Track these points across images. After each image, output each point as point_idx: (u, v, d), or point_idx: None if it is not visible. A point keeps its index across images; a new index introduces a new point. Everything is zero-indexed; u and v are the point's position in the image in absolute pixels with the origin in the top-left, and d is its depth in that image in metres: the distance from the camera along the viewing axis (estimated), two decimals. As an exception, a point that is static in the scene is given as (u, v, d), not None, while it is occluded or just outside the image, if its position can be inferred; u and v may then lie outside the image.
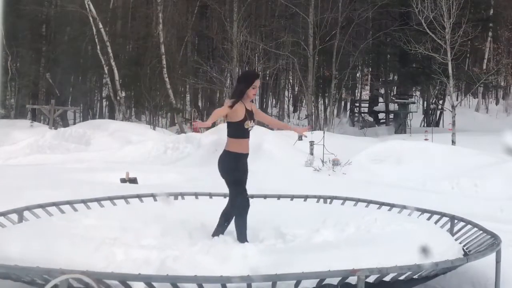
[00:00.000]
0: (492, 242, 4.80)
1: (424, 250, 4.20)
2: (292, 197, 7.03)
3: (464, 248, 5.22)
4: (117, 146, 18.23)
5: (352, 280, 3.79)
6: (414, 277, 4.17)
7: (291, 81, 41.35)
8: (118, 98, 27.75)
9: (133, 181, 11.00)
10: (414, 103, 34.32)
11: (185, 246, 4.75)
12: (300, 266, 3.81)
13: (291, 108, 41.57)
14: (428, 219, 6.01)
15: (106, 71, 27.23)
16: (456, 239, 5.42)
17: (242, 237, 5.07)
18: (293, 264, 3.93)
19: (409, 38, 20.97)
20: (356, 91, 39.33)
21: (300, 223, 5.46)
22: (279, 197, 7.02)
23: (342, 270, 3.79)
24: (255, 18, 33.43)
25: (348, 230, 5.20)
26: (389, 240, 4.71)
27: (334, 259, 4.10)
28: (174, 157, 16.83)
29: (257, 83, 5.25)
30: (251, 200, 5.33)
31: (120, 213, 5.72)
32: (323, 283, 3.81)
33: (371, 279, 3.84)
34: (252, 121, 5.24)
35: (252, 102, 5.49)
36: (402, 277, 4.06)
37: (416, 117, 32.16)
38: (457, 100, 27.30)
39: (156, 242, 4.84)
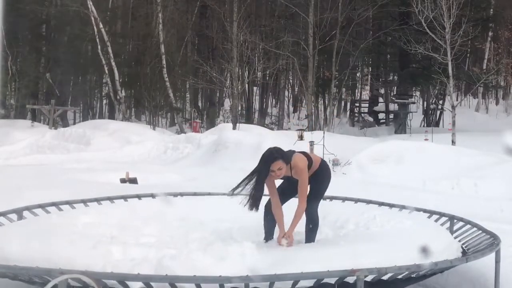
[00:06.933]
0: (492, 242, 4.79)
1: (423, 249, 4.20)
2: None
3: (464, 247, 5.22)
4: (117, 146, 18.25)
5: (350, 279, 3.79)
6: (412, 275, 4.17)
7: (291, 81, 41.37)
8: (118, 98, 27.75)
9: (133, 181, 11.00)
10: (414, 103, 34.34)
11: (182, 244, 4.75)
12: (298, 264, 3.79)
13: (291, 108, 41.57)
14: (427, 218, 5.99)
15: (106, 71, 27.23)
16: (455, 239, 5.41)
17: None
18: (292, 262, 3.91)
19: (409, 38, 20.98)
20: (356, 91, 39.34)
21: (299, 221, 5.44)
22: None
23: (341, 270, 3.77)
24: (255, 18, 33.43)
25: (347, 227, 5.20)
26: (388, 238, 4.71)
27: (333, 257, 4.09)
28: (174, 157, 16.86)
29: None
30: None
31: (118, 212, 5.72)
32: (321, 282, 3.80)
33: (369, 277, 3.84)
34: None
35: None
36: (400, 276, 4.07)
37: (416, 117, 32.15)
38: (457, 100, 27.34)
39: (154, 240, 4.85)
